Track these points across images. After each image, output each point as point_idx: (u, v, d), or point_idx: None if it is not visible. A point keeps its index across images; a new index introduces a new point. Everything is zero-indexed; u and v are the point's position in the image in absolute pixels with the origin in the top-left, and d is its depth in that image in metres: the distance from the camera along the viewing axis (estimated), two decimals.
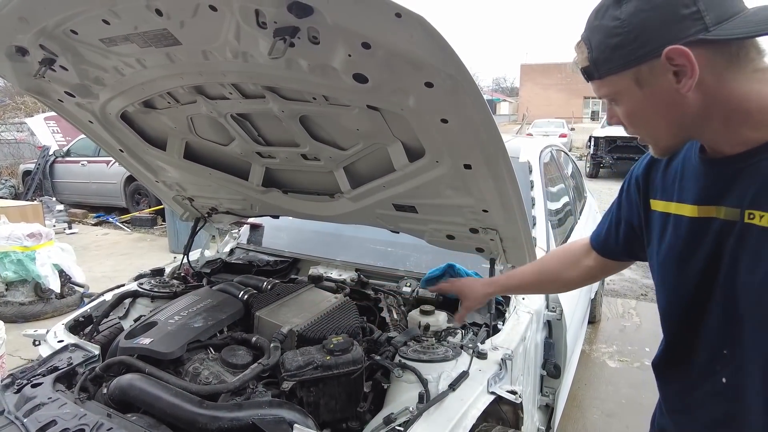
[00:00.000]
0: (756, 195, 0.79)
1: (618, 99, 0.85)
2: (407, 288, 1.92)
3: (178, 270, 2.33)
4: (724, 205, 0.84)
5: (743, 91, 0.77)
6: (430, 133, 1.27)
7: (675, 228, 0.94)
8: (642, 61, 0.77)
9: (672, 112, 0.81)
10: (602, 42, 0.80)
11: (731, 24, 0.73)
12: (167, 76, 1.50)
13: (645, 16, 0.75)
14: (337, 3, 0.89)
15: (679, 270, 0.94)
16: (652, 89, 0.79)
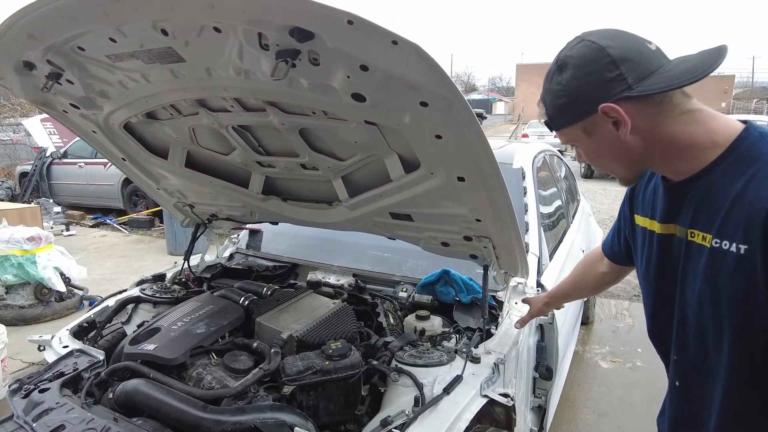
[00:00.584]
0: (693, 217, 0.93)
1: (577, 143, 1.00)
2: (403, 293, 1.98)
3: (179, 275, 2.38)
4: (677, 224, 0.98)
5: (672, 132, 0.90)
6: (425, 147, 1.32)
7: (650, 242, 1.07)
8: (585, 117, 0.92)
9: (619, 153, 0.95)
10: (552, 102, 0.96)
11: (651, 80, 0.86)
12: (171, 90, 1.55)
13: (580, 82, 0.90)
14: (336, 30, 0.94)
15: (656, 280, 1.07)
16: (598, 137, 0.94)
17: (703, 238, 0.91)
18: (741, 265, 0.84)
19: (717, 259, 0.88)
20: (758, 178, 0.83)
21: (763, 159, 0.84)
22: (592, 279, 1.49)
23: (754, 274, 0.82)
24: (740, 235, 0.84)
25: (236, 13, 1.03)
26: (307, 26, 0.97)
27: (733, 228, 0.85)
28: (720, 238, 0.87)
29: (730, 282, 0.86)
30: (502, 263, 1.73)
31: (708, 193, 0.90)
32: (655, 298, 1.09)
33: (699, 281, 0.93)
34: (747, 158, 0.86)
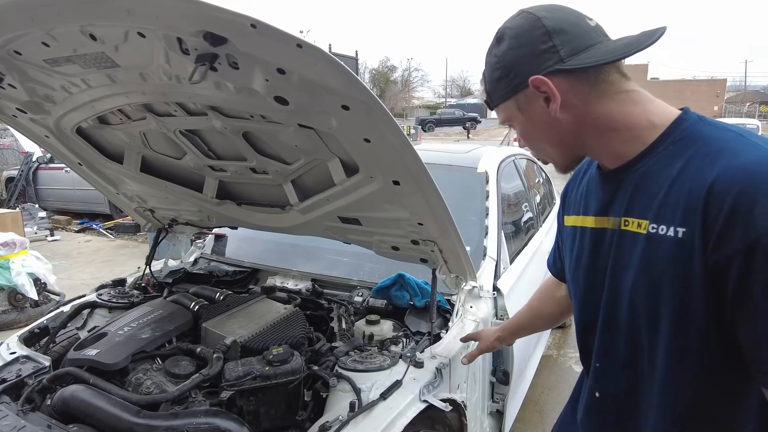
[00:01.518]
0: (628, 204, 0.88)
1: (512, 123, 0.95)
2: (359, 298, 1.97)
3: (140, 280, 2.36)
4: (610, 216, 0.92)
5: (608, 111, 0.86)
6: (359, 151, 1.32)
7: (580, 239, 1.01)
8: (517, 91, 0.88)
9: (551, 133, 0.91)
10: (490, 76, 0.92)
11: (584, 55, 0.83)
12: (112, 95, 1.54)
13: (514, 53, 0.87)
14: (243, 34, 0.94)
15: (584, 281, 1.00)
16: (530, 114, 0.90)
17: (638, 225, 0.85)
18: (679, 249, 0.78)
19: (653, 245, 0.82)
20: (698, 158, 0.78)
21: (702, 140, 0.80)
22: (552, 305, 1.34)
23: (692, 259, 0.76)
24: (679, 218, 0.78)
25: (151, 18, 1.03)
26: (217, 31, 0.97)
27: (672, 211, 0.79)
28: (657, 223, 0.81)
29: (668, 270, 0.80)
30: (451, 267, 1.73)
31: (645, 176, 0.84)
32: (583, 302, 1.01)
33: (633, 273, 0.86)
34: (686, 139, 0.82)
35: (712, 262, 0.74)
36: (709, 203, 0.74)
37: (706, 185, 0.74)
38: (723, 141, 0.78)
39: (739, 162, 0.74)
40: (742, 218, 0.71)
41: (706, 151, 0.78)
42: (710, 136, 0.80)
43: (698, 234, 0.75)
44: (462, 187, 2.52)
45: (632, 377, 0.91)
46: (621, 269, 0.89)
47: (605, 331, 0.95)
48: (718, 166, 0.75)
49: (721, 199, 0.73)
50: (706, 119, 0.84)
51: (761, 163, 0.72)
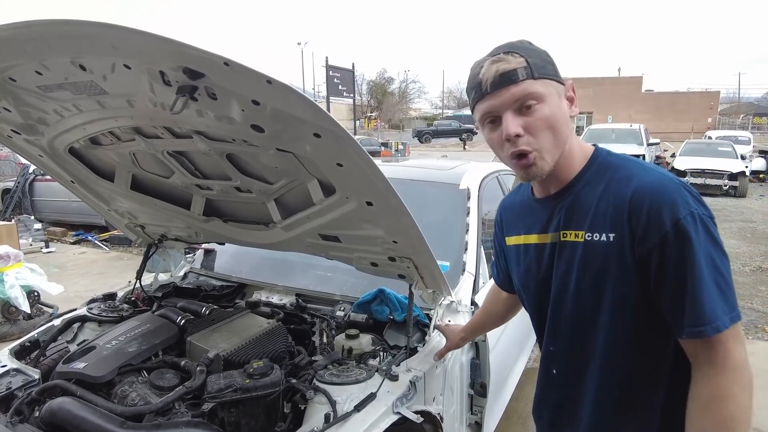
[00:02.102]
0: (565, 220, 1.10)
1: (541, 102, 1.02)
2: (340, 312, 2.04)
3: (130, 294, 2.42)
4: (550, 232, 1.14)
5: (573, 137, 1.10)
6: (334, 174, 1.40)
7: (525, 254, 1.23)
8: (559, 80, 1.05)
9: (565, 128, 1.06)
10: (540, 56, 1.04)
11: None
12: (102, 118, 1.62)
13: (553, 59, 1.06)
14: (218, 71, 1.02)
15: (535, 285, 1.21)
16: (561, 104, 1.05)
17: (576, 236, 1.08)
18: (611, 249, 1.02)
19: (590, 249, 1.05)
20: (615, 181, 1.04)
21: (613, 167, 1.07)
22: (499, 306, 1.60)
23: (623, 255, 1.00)
24: (608, 226, 1.02)
25: (134, 54, 1.11)
26: (195, 67, 1.05)
27: (602, 222, 1.03)
28: (591, 232, 1.05)
29: (604, 266, 1.03)
30: (427, 282, 1.80)
31: (576, 199, 1.09)
32: (535, 302, 1.23)
33: (575, 272, 1.08)
34: (603, 168, 1.08)
35: (639, 255, 0.99)
36: (631, 213, 0.99)
37: (626, 200, 1.00)
38: (629, 168, 1.05)
39: (644, 182, 1.00)
40: (654, 221, 0.97)
41: (619, 176, 1.04)
42: (619, 165, 1.07)
43: (626, 235, 1.00)
44: (445, 204, 2.60)
45: (578, 354, 1.13)
46: (563, 273, 1.11)
47: (556, 320, 1.17)
48: (632, 186, 1.01)
49: (638, 209, 0.98)
50: (612, 153, 1.11)
51: (659, 182, 1.00)
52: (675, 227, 0.95)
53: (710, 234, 0.97)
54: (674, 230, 0.95)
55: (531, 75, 1.00)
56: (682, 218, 0.95)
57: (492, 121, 1.04)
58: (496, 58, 1.01)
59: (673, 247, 0.95)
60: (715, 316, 0.94)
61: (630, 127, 15.59)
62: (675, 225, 0.95)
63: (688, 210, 0.96)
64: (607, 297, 1.04)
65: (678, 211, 0.96)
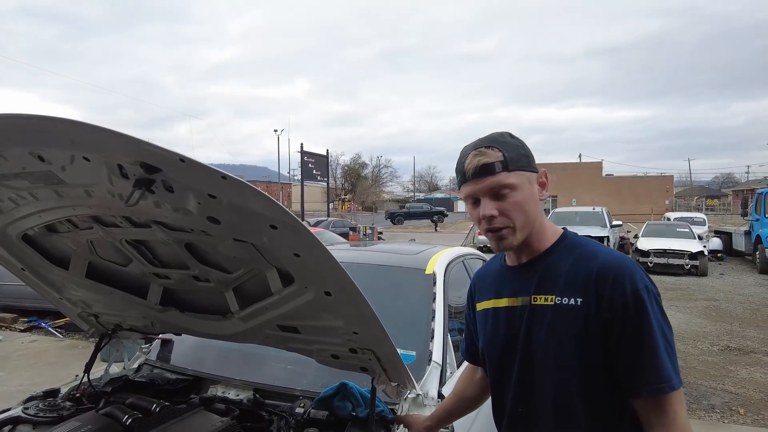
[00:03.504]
0: (537, 286, 1.24)
1: (514, 191, 1.21)
2: (300, 409, 1.93)
3: (75, 390, 2.26)
4: (520, 296, 1.27)
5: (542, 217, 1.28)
6: (291, 263, 1.39)
7: (494, 317, 1.34)
8: (532, 170, 1.24)
9: (535, 212, 1.24)
10: (515, 150, 1.22)
11: None
12: (60, 207, 1.60)
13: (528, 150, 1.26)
14: (174, 166, 1.04)
15: (500, 347, 1.31)
16: (532, 189, 1.24)
17: (546, 299, 1.21)
18: (579, 312, 1.16)
19: (560, 311, 1.18)
20: (583, 255, 1.22)
21: (581, 245, 1.26)
22: (472, 388, 1.60)
23: (589, 318, 1.14)
24: (577, 292, 1.17)
25: (93, 148, 1.12)
26: (151, 162, 1.06)
27: (571, 288, 1.18)
28: (561, 296, 1.19)
29: (572, 327, 1.16)
30: (391, 375, 1.74)
31: (548, 268, 1.24)
32: (498, 364, 1.32)
33: (544, 333, 1.20)
34: (571, 246, 1.26)
35: (602, 320, 1.13)
36: (598, 282, 1.15)
37: (594, 271, 1.16)
38: (594, 246, 1.25)
39: (609, 258, 1.19)
40: (618, 289, 1.13)
41: (587, 252, 1.23)
42: (586, 244, 1.26)
43: (593, 301, 1.14)
44: (410, 289, 2.58)
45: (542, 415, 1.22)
46: (533, 332, 1.23)
47: (520, 383, 1.26)
48: (599, 260, 1.18)
49: (604, 278, 1.15)
50: (577, 235, 1.31)
51: (621, 259, 1.19)
52: (634, 296, 1.12)
53: (660, 307, 1.14)
54: (633, 299, 1.12)
55: (506, 168, 1.19)
56: (641, 289, 1.12)
57: (474, 201, 1.24)
58: (477, 151, 1.21)
59: (633, 315, 1.11)
60: (669, 376, 1.09)
61: (593, 210, 16.20)
62: (634, 294, 1.12)
63: (644, 284, 1.14)
64: (574, 355, 1.16)
65: (637, 284, 1.13)
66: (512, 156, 1.20)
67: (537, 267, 1.25)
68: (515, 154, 1.20)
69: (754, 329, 7.63)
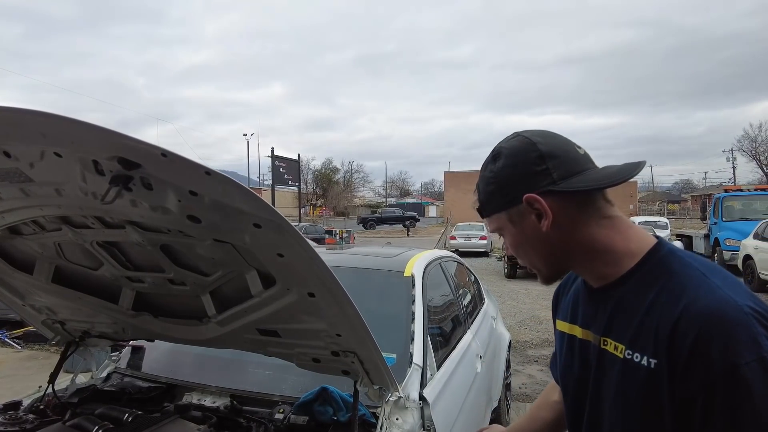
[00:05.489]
0: (607, 325, 0.94)
1: (503, 233, 1.01)
2: (279, 415, 1.88)
3: (39, 402, 2.15)
4: (592, 331, 0.99)
5: (593, 233, 0.93)
6: (274, 265, 1.35)
7: (569, 347, 1.07)
8: (511, 206, 0.94)
9: (541, 247, 0.96)
10: (484, 189, 0.98)
11: (575, 179, 0.90)
12: (26, 207, 1.52)
13: (509, 171, 0.93)
14: (154, 161, 1.00)
15: (574, 384, 1.05)
16: (522, 227, 0.95)
17: (615, 348, 0.92)
18: (651, 378, 0.84)
19: (629, 371, 0.88)
20: (665, 292, 0.85)
21: (670, 273, 0.87)
22: (546, 408, 1.35)
23: (662, 388, 0.82)
24: (651, 349, 0.84)
25: (66, 142, 1.07)
26: (131, 157, 1.01)
27: (645, 340, 0.85)
28: (632, 350, 0.88)
29: (641, 396, 0.86)
30: (373, 378, 1.72)
31: (622, 302, 0.92)
32: (572, 404, 1.07)
33: (612, 392, 0.92)
34: (658, 270, 0.89)
35: (679, 395, 0.80)
36: (674, 340, 0.80)
37: (671, 323, 0.81)
38: (687, 278, 0.86)
39: (697, 307, 0.80)
40: (701, 358, 0.77)
41: (671, 286, 0.86)
42: (678, 272, 0.87)
43: (665, 367, 0.81)
44: (388, 292, 2.57)
45: None
46: (601, 385, 0.96)
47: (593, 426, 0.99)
48: (681, 307, 0.81)
49: (682, 338, 0.79)
50: (676, 251, 0.92)
51: (718, 305, 0.79)
52: (730, 373, 0.74)
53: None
54: (727, 378, 0.75)
55: (483, 214, 1.01)
56: (744, 364, 0.74)
57: None
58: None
59: (724, 397, 0.75)
60: None
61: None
62: (731, 370, 0.74)
63: (757, 353, 0.74)
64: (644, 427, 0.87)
65: (738, 352, 0.74)
66: (482, 199, 0.99)
67: (609, 297, 0.94)
68: (485, 197, 0.98)
69: None
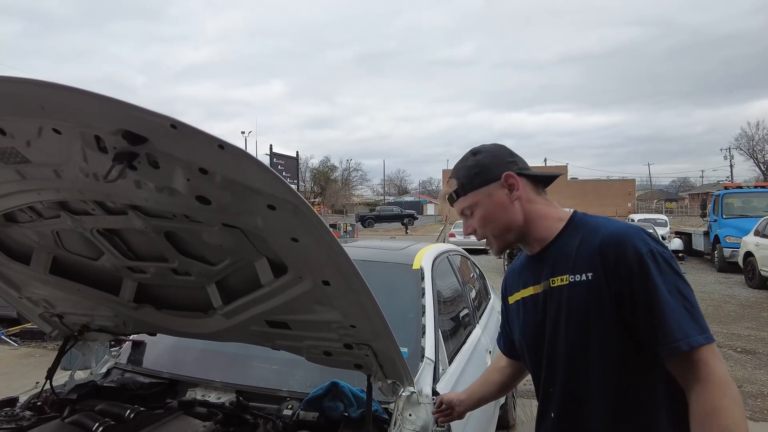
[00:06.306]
0: (552, 269, 1.28)
1: (476, 208, 1.32)
2: (288, 411, 1.80)
3: (36, 398, 2.07)
4: (541, 282, 1.32)
5: (540, 207, 1.33)
6: (287, 251, 1.27)
7: (524, 307, 1.38)
8: (489, 182, 1.30)
9: (505, 217, 1.31)
10: (467, 174, 1.33)
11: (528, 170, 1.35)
12: (22, 191, 1.44)
13: (489, 159, 1.33)
14: (163, 134, 0.92)
15: (531, 333, 1.34)
16: (496, 199, 1.30)
17: (562, 280, 1.25)
18: (591, 286, 1.19)
19: (575, 288, 1.22)
20: (587, 233, 1.25)
21: (584, 224, 1.29)
22: (498, 377, 1.66)
23: (601, 290, 1.17)
24: (585, 268, 1.20)
25: (66, 116, 0.99)
26: (137, 130, 0.94)
27: (580, 265, 1.21)
28: (573, 274, 1.22)
29: (588, 301, 1.19)
30: (387, 372, 1.64)
31: (559, 252, 1.28)
32: (533, 349, 1.34)
33: (564, 312, 1.24)
34: (579, 226, 1.29)
35: (614, 290, 1.16)
36: (602, 255, 1.18)
37: (596, 246, 1.20)
38: (598, 222, 1.28)
39: (609, 230, 1.22)
40: (621, 260, 1.15)
41: (590, 229, 1.26)
42: (591, 222, 1.29)
43: (601, 274, 1.17)
44: (397, 285, 2.49)
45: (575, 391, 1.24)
46: (555, 314, 1.26)
47: (551, 361, 1.28)
48: (601, 234, 1.22)
49: (606, 251, 1.18)
50: (587, 214, 1.33)
51: (622, 229, 1.22)
52: (639, 263, 1.13)
53: (671, 266, 1.14)
54: (638, 265, 1.13)
55: (459, 194, 1.33)
56: (644, 254, 1.14)
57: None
58: (447, 182, 1.38)
59: (639, 280, 1.13)
60: (685, 333, 1.08)
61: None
62: (638, 261, 1.13)
63: (647, 248, 1.15)
64: (594, 327, 1.18)
65: (639, 250, 1.14)
66: (464, 182, 1.32)
67: (549, 253, 1.30)
68: (467, 179, 1.32)
69: (718, 325, 7.86)
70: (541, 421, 1.35)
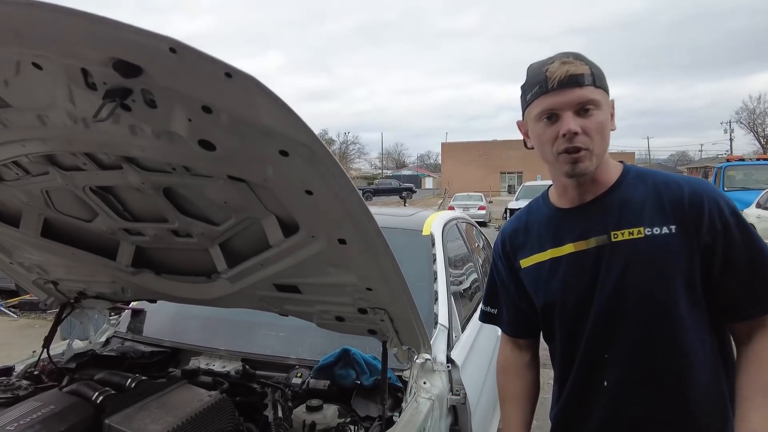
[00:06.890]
0: (618, 221, 1.15)
1: (599, 108, 1.11)
2: (297, 379, 1.72)
3: (33, 367, 1.98)
4: (592, 236, 1.17)
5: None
6: (300, 206, 1.16)
7: (557, 267, 1.21)
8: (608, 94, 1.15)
9: (609, 137, 1.16)
10: (599, 69, 1.14)
11: None
12: (4, 143, 1.31)
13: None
14: (161, 61, 0.79)
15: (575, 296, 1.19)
16: (609, 115, 1.14)
17: (631, 233, 1.13)
18: (676, 240, 1.10)
19: (653, 242, 1.11)
20: (661, 183, 1.16)
21: (652, 174, 1.21)
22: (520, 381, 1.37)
23: (690, 243, 1.10)
24: (669, 220, 1.11)
25: (47, 42, 0.85)
26: (129, 58, 0.81)
27: (660, 217, 1.12)
28: (651, 227, 1.12)
29: (671, 255, 1.10)
30: (402, 338, 1.55)
31: (625, 202, 1.16)
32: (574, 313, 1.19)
33: (637, 267, 1.12)
34: (639, 175, 1.20)
35: (704, 244, 1.10)
36: (692, 208, 1.11)
37: (684, 197, 1.12)
38: (666, 174, 1.20)
39: (696, 183, 1.16)
40: (714, 214, 1.10)
41: (664, 179, 1.18)
42: (655, 173, 1.21)
43: (691, 227, 1.10)
44: (407, 251, 2.38)
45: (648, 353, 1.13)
46: (620, 269, 1.13)
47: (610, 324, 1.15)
48: (686, 186, 1.14)
49: (698, 202, 1.11)
50: (636, 165, 1.26)
51: (706, 183, 1.20)
52: (734, 216, 1.10)
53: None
54: (734, 219, 1.09)
55: (593, 83, 1.10)
56: (736, 210, 1.11)
57: (549, 117, 1.11)
58: (565, 60, 1.10)
59: (737, 233, 1.09)
60: None
61: None
62: (733, 214, 1.10)
63: (735, 208, 1.12)
64: (677, 284, 1.10)
65: (732, 206, 1.11)
66: (597, 73, 1.12)
67: (611, 201, 1.17)
68: (599, 72, 1.12)
69: None
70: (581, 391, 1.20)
